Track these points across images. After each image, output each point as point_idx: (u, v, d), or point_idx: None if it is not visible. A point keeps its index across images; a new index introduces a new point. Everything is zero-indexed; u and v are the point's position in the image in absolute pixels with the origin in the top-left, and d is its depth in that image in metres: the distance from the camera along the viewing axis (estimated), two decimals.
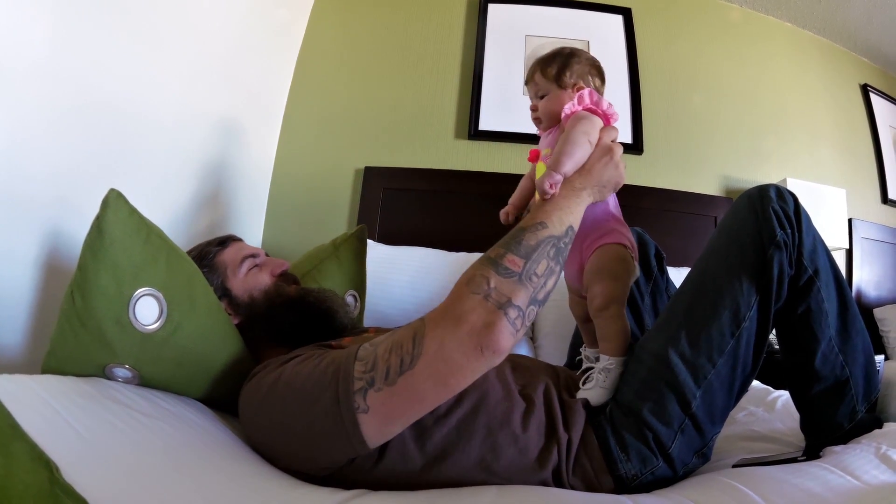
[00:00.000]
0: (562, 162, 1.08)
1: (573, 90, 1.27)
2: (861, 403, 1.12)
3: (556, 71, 1.30)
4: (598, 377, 1.15)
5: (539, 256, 0.93)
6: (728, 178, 3.14)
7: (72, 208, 1.32)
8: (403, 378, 0.83)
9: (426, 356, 0.83)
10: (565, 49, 1.35)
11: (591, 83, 1.31)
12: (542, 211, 1.01)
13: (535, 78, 1.34)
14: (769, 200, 1.08)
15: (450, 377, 0.84)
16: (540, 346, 2.27)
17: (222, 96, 2.19)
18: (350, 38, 3.17)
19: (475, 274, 0.89)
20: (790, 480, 0.89)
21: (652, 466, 1.03)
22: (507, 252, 0.92)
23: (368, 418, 0.84)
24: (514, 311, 0.86)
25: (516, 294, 0.87)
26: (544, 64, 1.33)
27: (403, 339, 0.86)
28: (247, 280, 1.32)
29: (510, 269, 0.89)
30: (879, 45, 3.69)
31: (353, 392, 0.84)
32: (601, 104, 1.20)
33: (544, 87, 1.32)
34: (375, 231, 2.78)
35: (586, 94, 1.20)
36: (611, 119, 1.21)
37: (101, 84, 1.46)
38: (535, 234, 0.95)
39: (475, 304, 0.85)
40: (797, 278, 1.08)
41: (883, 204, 3.53)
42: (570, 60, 1.31)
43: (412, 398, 0.84)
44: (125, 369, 1.05)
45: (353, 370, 0.86)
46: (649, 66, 3.18)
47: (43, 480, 0.65)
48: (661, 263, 1.71)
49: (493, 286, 0.86)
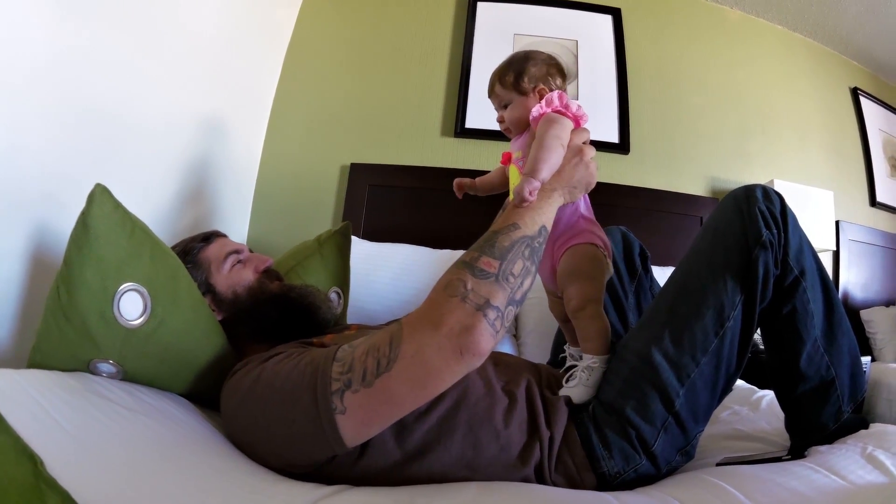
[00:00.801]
0: (539, 168, 1.08)
1: (535, 94, 1.27)
2: (847, 404, 1.12)
3: (514, 78, 1.29)
4: (582, 375, 1.15)
5: (514, 257, 0.93)
6: (714, 178, 3.15)
7: (59, 204, 1.31)
8: (380, 380, 0.82)
9: (403, 359, 0.82)
10: (520, 54, 1.34)
11: (552, 84, 1.30)
12: (515, 213, 1.01)
13: (495, 89, 1.34)
14: (755, 201, 1.09)
15: (428, 380, 0.84)
16: (523, 343, 2.28)
17: (210, 93, 2.18)
18: (338, 36, 3.17)
19: (451, 278, 0.89)
20: (775, 479, 0.89)
21: (635, 464, 1.03)
22: (481, 255, 0.92)
23: (346, 419, 0.83)
24: (493, 312, 0.86)
25: (494, 295, 0.87)
26: (502, 73, 1.32)
27: (380, 341, 0.86)
28: (230, 276, 1.31)
29: (486, 270, 0.89)
30: (871, 49, 3.71)
31: (331, 393, 0.84)
32: (570, 106, 1.20)
33: (505, 96, 1.32)
34: (360, 228, 2.78)
35: (555, 97, 1.19)
36: (581, 121, 1.21)
37: (89, 81, 1.45)
38: (508, 235, 0.95)
39: (453, 307, 0.85)
40: (783, 278, 1.09)
41: (871, 207, 3.56)
42: (525, 65, 1.30)
43: (389, 401, 0.84)
44: (109, 364, 1.05)
45: (331, 371, 0.86)
46: (638, 66, 3.19)
47: (27, 474, 0.66)
48: (646, 262, 1.71)
49: (469, 288, 0.86)
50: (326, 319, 1.34)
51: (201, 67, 2.08)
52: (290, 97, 3.03)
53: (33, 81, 1.26)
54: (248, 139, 2.78)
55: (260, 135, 2.93)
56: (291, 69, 3.07)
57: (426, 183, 2.84)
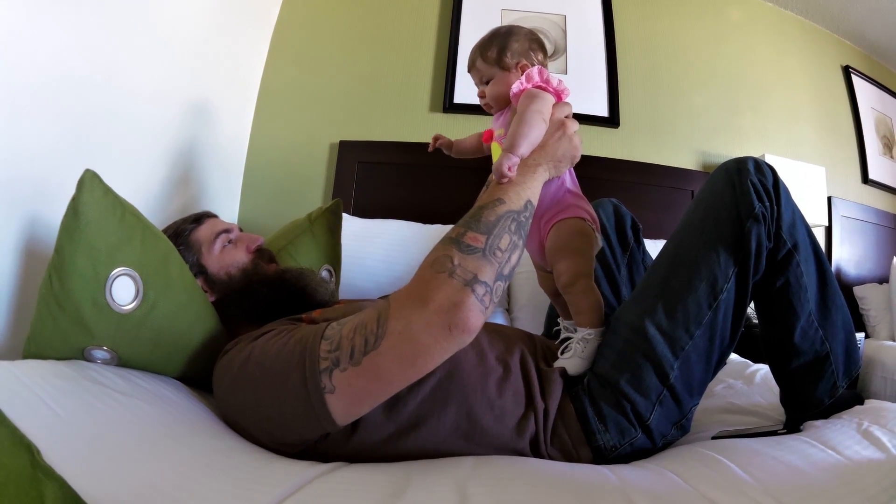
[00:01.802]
0: (518, 144, 1.06)
1: (517, 69, 1.26)
2: (841, 379, 1.13)
3: (497, 53, 1.28)
4: (577, 347, 1.15)
5: (500, 231, 0.92)
6: (705, 152, 3.16)
7: (49, 191, 1.29)
8: (368, 358, 0.82)
9: (391, 336, 0.82)
10: (501, 29, 1.33)
11: (534, 59, 1.28)
12: (499, 189, 1.00)
13: (476, 65, 1.32)
14: (747, 173, 1.08)
15: (417, 358, 0.83)
16: (516, 318, 2.29)
17: (197, 74, 2.16)
18: (326, 13, 3.14)
19: (437, 255, 0.88)
20: (770, 453, 0.90)
21: (630, 438, 1.03)
22: (467, 230, 0.91)
23: (335, 398, 0.83)
24: (482, 287, 0.85)
25: (482, 270, 0.86)
26: (483, 48, 1.30)
27: (368, 319, 0.85)
28: (223, 257, 1.30)
29: (472, 245, 0.88)
30: (862, 29, 3.71)
31: (320, 372, 0.83)
32: (551, 81, 1.19)
33: (487, 71, 1.30)
34: (350, 205, 2.77)
35: (535, 72, 1.18)
36: (562, 95, 1.20)
37: (75, 64, 1.43)
38: (493, 210, 0.94)
39: (441, 283, 0.84)
40: (776, 251, 1.08)
41: (863, 184, 3.57)
42: (508, 40, 1.28)
43: (378, 379, 0.83)
44: (103, 351, 1.05)
45: (319, 350, 0.85)
46: (627, 39, 3.18)
47: (24, 464, 0.65)
48: (638, 235, 1.69)
49: (457, 263, 0.85)
50: (323, 301, 1.33)
51: (188, 48, 2.06)
52: (278, 75, 3.00)
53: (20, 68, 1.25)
54: (236, 119, 2.76)
55: (248, 114, 2.91)
56: (279, 47, 3.04)
57: (415, 159, 2.82)
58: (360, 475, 0.83)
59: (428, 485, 0.79)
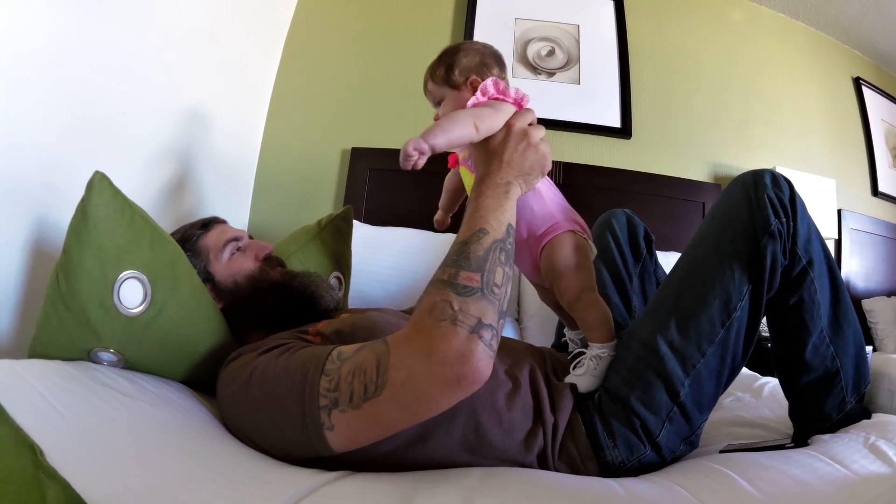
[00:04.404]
0: (433, 133, 0.99)
1: (468, 86, 1.20)
2: (851, 395, 1.11)
3: (444, 71, 1.23)
4: (590, 364, 1.13)
5: (492, 266, 0.88)
6: (717, 164, 3.15)
7: (58, 192, 1.30)
8: (369, 405, 0.80)
9: (392, 386, 0.79)
10: (450, 46, 1.28)
11: (487, 73, 1.21)
12: (477, 217, 0.95)
13: (427, 86, 1.28)
14: (764, 188, 1.06)
15: (420, 407, 0.81)
16: (525, 327, 2.28)
17: (209, 78, 2.17)
18: (339, 19, 3.15)
19: (434, 300, 0.84)
20: (778, 467, 0.89)
21: (639, 454, 1.02)
22: (458, 270, 0.86)
23: (334, 435, 0.82)
24: (488, 331, 0.82)
25: (485, 312, 0.83)
26: (432, 68, 1.26)
27: (366, 363, 0.82)
28: (230, 265, 1.30)
29: (469, 286, 0.84)
30: (873, 40, 3.70)
31: (319, 408, 0.82)
32: (508, 92, 1.13)
33: (438, 92, 1.25)
34: (361, 211, 2.77)
35: (489, 84, 1.11)
36: (522, 102, 1.14)
37: (86, 69, 1.44)
38: (479, 243, 0.90)
39: (444, 333, 0.80)
40: (790, 268, 1.07)
41: (873, 196, 3.55)
42: (456, 57, 1.23)
43: (378, 424, 0.82)
44: (110, 353, 1.04)
45: (319, 385, 0.83)
46: (640, 50, 3.17)
47: (27, 464, 0.65)
48: (650, 246, 1.66)
49: (458, 308, 0.81)
50: (329, 308, 1.32)
51: (201, 53, 2.07)
52: (291, 81, 3.01)
53: (29, 71, 1.25)
54: (248, 124, 2.77)
55: (260, 119, 2.92)
56: (291, 53, 3.05)
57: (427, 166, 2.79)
58: (366, 484, 0.82)
59: (435, 496, 0.78)
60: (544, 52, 3.08)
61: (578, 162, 2.91)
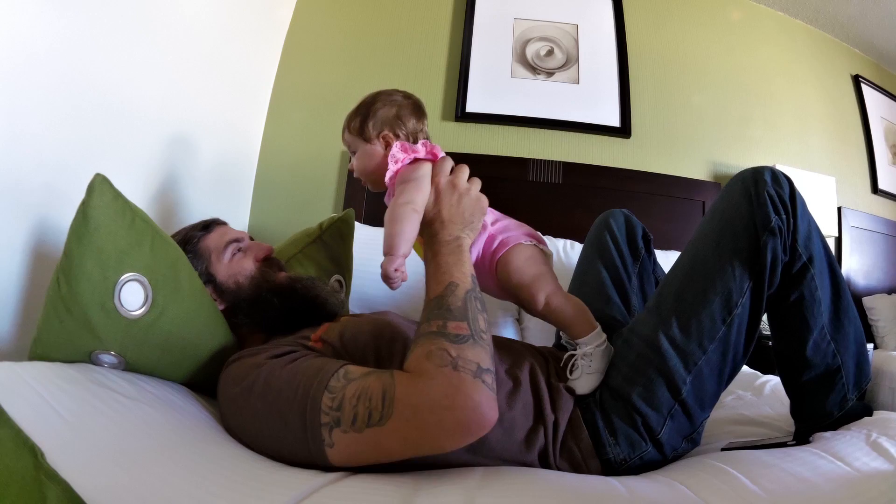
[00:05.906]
0: (396, 245, 1.00)
1: (380, 140, 1.19)
2: (852, 392, 1.12)
3: (359, 124, 1.21)
4: (582, 363, 1.13)
5: (473, 313, 0.91)
6: (716, 163, 3.14)
7: (59, 194, 1.30)
8: (371, 431, 0.80)
9: (397, 420, 0.79)
10: (369, 96, 1.26)
11: (402, 127, 1.20)
12: (441, 274, 0.98)
13: (344, 136, 1.26)
14: (764, 185, 1.07)
15: (423, 444, 0.81)
16: (526, 327, 2.28)
17: (208, 80, 2.17)
18: (337, 20, 3.15)
19: (429, 349, 0.85)
20: (780, 465, 0.89)
21: (641, 451, 1.02)
22: (445, 321, 0.88)
23: (335, 452, 0.82)
24: (489, 375, 0.84)
25: (481, 357, 0.85)
26: (349, 118, 1.25)
27: (372, 390, 0.82)
28: (231, 266, 1.29)
29: (460, 334, 0.86)
30: (872, 38, 3.69)
31: (320, 425, 0.82)
32: (417, 149, 1.13)
33: (353, 143, 1.24)
34: (362, 213, 2.76)
35: (397, 151, 1.11)
36: (436, 154, 1.15)
37: (86, 70, 1.43)
38: (455, 295, 0.92)
39: (448, 378, 0.81)
40: (791, 265, 1.07)
41: (873, 194, 3.55)
42: (371, 109, 1.21)
43: (378, 450, 0.82)
44: (111, 355, 1.04)
45: (321, 402, 0.83)
46: (639, 49, 3.18)
47: (28, 466, 0.65)
48: (649, 245, 1.66)
49: (456, 355, 0.83)
50: (334, 312, 1.31)
51: (199, 55, 2.07)
52: (290, 82, 3.01)
53: (29, 70, 1.25)
54: (247, 125, 2.77)
55: (260, 121, 2.92)
56: (290, 54, 3.05)
57: None
58: (368, 485, 0.82)
59: (436, 496, 0.78)
60: (543, 51, 3.08)
61: (578, 162, 2.91)
